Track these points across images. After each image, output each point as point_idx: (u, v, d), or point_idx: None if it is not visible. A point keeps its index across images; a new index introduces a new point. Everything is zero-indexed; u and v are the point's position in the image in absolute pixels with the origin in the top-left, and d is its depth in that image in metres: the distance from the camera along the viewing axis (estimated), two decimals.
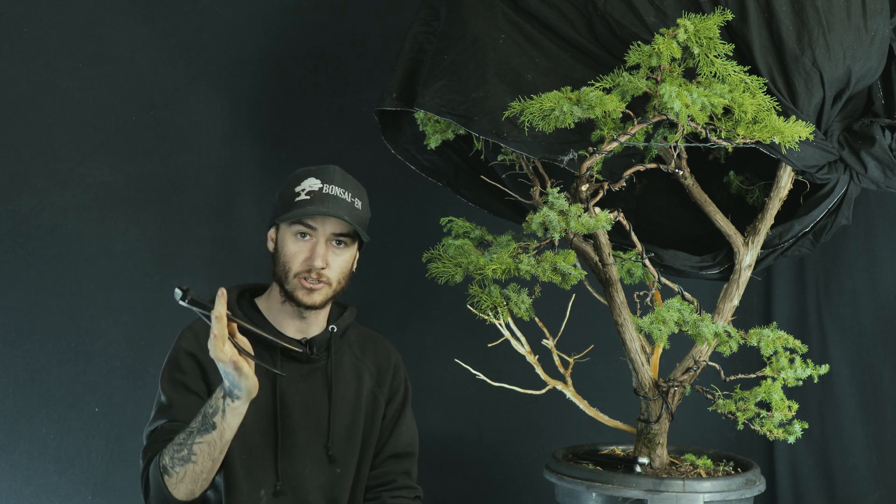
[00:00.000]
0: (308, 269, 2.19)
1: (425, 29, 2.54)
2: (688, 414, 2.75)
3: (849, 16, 2.30)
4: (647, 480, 2.33)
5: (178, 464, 2.05)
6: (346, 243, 2.23)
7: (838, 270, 3.17)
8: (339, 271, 2.23)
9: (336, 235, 2.21)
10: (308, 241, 2.20)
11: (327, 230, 2.20)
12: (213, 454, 2.04)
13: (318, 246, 2.19)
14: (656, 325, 2.29)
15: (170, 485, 2.06)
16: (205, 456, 2.04)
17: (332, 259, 2.21)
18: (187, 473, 2.05)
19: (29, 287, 2.90)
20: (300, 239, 2.20)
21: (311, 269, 2.19)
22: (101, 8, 2.96)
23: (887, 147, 2.42)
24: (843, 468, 3.15)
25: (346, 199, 2.21)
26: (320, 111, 3.12)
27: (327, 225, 2.20)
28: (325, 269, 2.20)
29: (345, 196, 2.21)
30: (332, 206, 2.18)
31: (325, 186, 2.20)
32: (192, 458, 2.04)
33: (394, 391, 2.37)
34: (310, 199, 2.18)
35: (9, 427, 2.89)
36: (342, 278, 2.25)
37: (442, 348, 3.16)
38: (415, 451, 2.38)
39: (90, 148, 2.94)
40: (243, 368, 1.97)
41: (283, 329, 2.27)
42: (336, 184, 2.22)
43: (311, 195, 2.19)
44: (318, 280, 2.20)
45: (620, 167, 2.41)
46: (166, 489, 2.06)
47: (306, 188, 2.20)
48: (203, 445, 2.03)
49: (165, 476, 2.06)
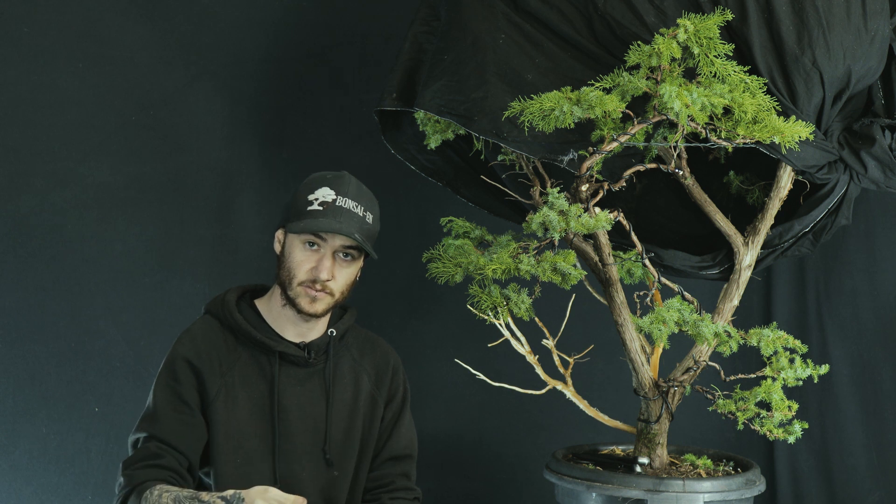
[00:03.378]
0: (313, 280, 2.18)
1: (425, 29, 2.54)
2: (688, 414, 2.75)
3: (849, 16, 2.30)
4: (647, 480, 2.33)
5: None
6: (354, 256, 2.23)
7: (838, 270, 3.17)
8: (343, 283, 2.23)
9: (344, 248, 2.20)
10: (316, 252, 2.19)
11: (336, 243, 2.19)
12: None
13: (325, 258, 2.18)
14: (656, 325, 2.29)
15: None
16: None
17: (337, 272, 2.21)
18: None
19: (29, 287, 2.90)
20: (308, 248, 2.19)
21: (316, 280, 2.18)
22: (101, 8, 2.96)
23: (887, 147, 2.42)
24: (843, 468, 3.15)
25: (359, 214, 2.20)
26: (320, 111, 3.12)
27: (336, 239, 2.18)
28: (329, 281, 2.19)
29: (357, 210, 2.20)
30: (343, 220, 2.17)
31: (338, 199, 2.18)
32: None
33: (392, 393, 2.36)
34: (322, 211, 2.17)
35: (9, 427, 2.89)
36: (346, 289, 2.24)
37: (442, 348, 3.16)
38: (413, 454, 2.38)
39: (90, 148, 2.94)
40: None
41: (283, 332, 2.26)
42: (350, 196, 2.20)
43: (324, 206, 2.17)
44: (322, 290, 2.19)
45: (620, 167, 2.41)
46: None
47: (320, 198, 2.18)
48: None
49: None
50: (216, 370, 2.20)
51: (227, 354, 2.22)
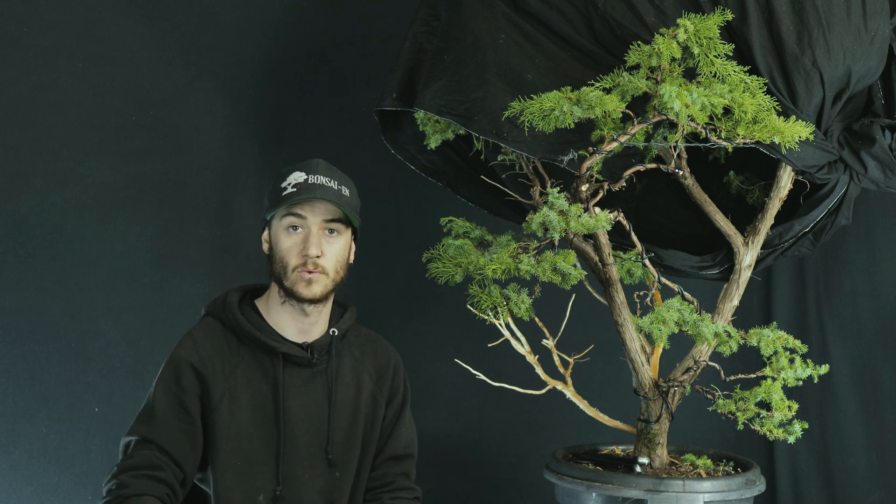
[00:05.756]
0: (304, 262, 2.18)
1: (425, 29, 2.54)
2: (688, 414, 2.75)
3: (849, 16, 2.30)
4: (647, 480, 2.33)
5: None
6: (339, 230, 2.22)
7: (838, 270, 3.17)
8: (335, 259, 2.22)
9: (327, 223, 2.21)
10: (300, 233, 2.20)
11: (318, 217, 2.20)
12: None
13: (310, 235, 2.19)
14: (656, 325, 2.29)
15: None
16: None
17: (326, 247, 2.21)
18: None
19: (29, 287, 2.90)
20: (292, 232, 2.20)
21: (307, 260, 2.18)
22: (101, 8, 2.96)
23: (887, 147, 2.42)
24: (843, 468, 3.15)
25: (333, 187, 2.21)
26: (320, 111, 3.12)
27: (317, 211, 2.19)
28: (320, 257, 2.19)
29: (331, 184, 2.21)
30: (320, 193, 2.18)
31: (310, 177, 2.21)
32: None
33: (393, 392, 2.36)
34: (297, 192, 2.18)
35: (9, 427, 2.89)
36: (339, 268, 2.24)
37: (442, 348, 3.16)
38: (414, 453, 2.37)
39: (90, 148, 2.94)
40: None
41: (284, 331, 2.25)
42: (321, 174, 2.22)
43: (297, 187, 2.19)
44: (315, 270, 2.19)
45: (620, 167, 2.41)
46: None
47: (292, 182, 2.20)
48: None
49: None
50: (220, 374, 2.19)
51: (230, 357, 2.22)
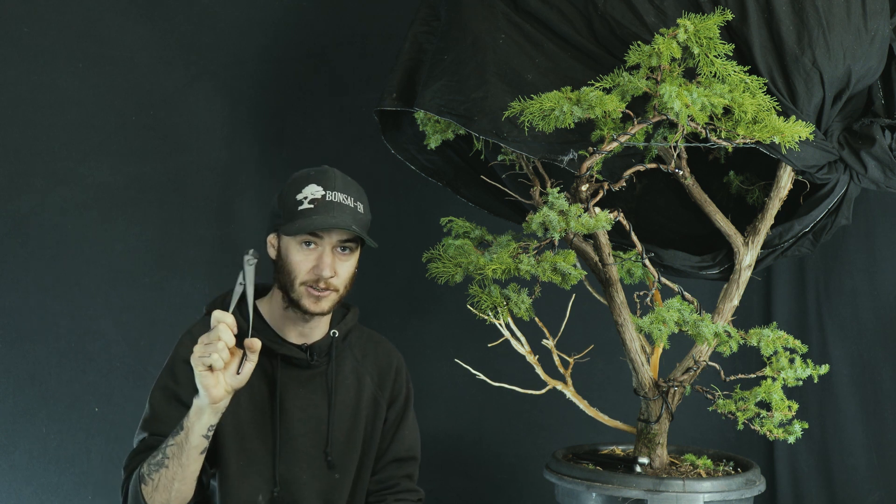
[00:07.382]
0: (316, 279, 2.16)
1: (425, 29, 2.54)
2: (688, 414, 2.75)
3: (849, 16, 2.30)
4: (647, 480, 2.33)
5: (153, 469, 2.02)
6: (352, 248, 2.20)
7: (838, 270, 3.17)
8: (345, 277, 2.20)
9: (342, 242, 2.18)
10: (314, 250, 2.16)
11: (333, 239, 2.16)
12: (181, 458, 2.00)
13: (324, 256, 2.15)
14: (656, 325, 2.29)
15: (145, 493, 2.03)
16: (175, 460, 2.01)
17: (339, 267, 2.18)
18: (161, 479, 2.02)
19: (29, 287, 2.90)
20: (305, 248, 2.17)
21: (319, 279, 2.16)
22: (101, 8, 2.96)
23: (887, 147, 2.42)
24: (843, 468, 3.15)
25: (350, 206, 2.17)
26: (320, 111, 3.12)
27: (334, 234, 2.16)
28: (333, 277, 2.17)
29: (348, 202, 2.18)
30: (337, 215, 2.14)
31: (328, 193, 2.16)
32: (164, 463, 2.01)
33: (395, 394, 2.35)
34: (314, 209, 2.14)
35: (9, 427, 2.89)
36: (348, 283, 2.22)
37: (442, 348, 3.16)
38: (417, 455, 2.36)
39: (90, 148, 2.94)
40: (206, 380, 1.96)
41: (285, 333, 2.25)
42: (338, 189, 2.17)
43: (314, 203, 2.15)
44: (326, 289, 2.17)
45: (620, 167, 2.41)
46: (142, 498, 2.03)
47: (308, 196, 2.16)
48: (174, 447, 2.01)
49: (142, 485, 2.03)
50: None
51: None
